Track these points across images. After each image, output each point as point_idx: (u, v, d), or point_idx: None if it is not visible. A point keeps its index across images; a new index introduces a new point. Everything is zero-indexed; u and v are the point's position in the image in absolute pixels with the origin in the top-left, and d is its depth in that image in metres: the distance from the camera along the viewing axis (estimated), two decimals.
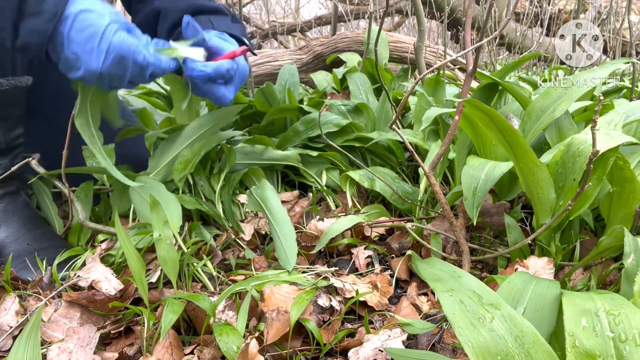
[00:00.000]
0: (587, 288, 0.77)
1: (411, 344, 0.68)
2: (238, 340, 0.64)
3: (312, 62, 1.95)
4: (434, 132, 1.19)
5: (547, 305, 0.51)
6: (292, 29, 4.36)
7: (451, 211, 0.82)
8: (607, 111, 0.87)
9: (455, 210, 1.01)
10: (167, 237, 0.77)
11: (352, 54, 1.81)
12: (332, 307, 0.74)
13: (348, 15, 3.85)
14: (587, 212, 0.86)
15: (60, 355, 0.62)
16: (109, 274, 0.77)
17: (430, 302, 0.80)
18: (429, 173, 0.76)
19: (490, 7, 0.90)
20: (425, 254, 0.91)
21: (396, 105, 1.31)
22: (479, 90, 1.16)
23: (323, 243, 0.93)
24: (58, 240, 0.94)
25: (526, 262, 0.76)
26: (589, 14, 3.81)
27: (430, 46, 1.89)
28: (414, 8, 1.39)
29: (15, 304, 0.73)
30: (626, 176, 0.73)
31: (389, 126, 0.79)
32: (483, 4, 3.76)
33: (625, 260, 0.59)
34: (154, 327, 0.69)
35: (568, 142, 0.75)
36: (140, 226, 0.93)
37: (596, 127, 0.55)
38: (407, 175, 1.22)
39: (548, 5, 4.12)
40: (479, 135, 0.91)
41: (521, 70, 3.41)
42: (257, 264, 0.93)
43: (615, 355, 0.41)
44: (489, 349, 0.42)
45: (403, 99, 0.69)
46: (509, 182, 0.95)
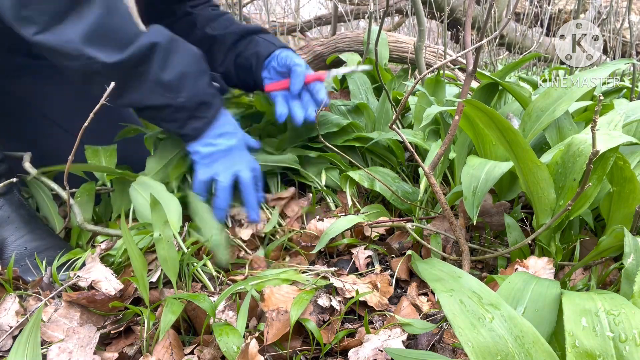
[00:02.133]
0: (587, 288, 0.77)
1: (411, 344, 0.68)
2: (238, 340, 0.64)
3: (312, 62, 1.95)
4: (434, 132, 1.19)
5: (547, 305, 0.51)
6: (292, 29, 4.36)
7: (451, 211, 0.82)
8: (607, 111, 0.87)
9: (455, 210, 1.01)
10: (167, 237, 0.77)
11: (352, 54, 1.81)
12: (332, 307, 0.74)
13: (348, 15, 3.85)
14: (587, 212, 0.86)
15: (60, 355, 0.62)
16: (109, 274, 0.77)
17: (430, 302, 0.80)
18: (429, 173, 0.76)
19: (490, 7, 0.90)
20: (425, 254, 0.91)
21: (396, 105, 1.31)
22: (479, 90, 1.16)
23: (323, 243, 0.93)
24: (56, 240, 0.94)
25: (526, 262, 0.76)
26: (589, 14, 3.81)
27: (430, 46, 1.89)
28: (414, 8, 1.39)
29: (15, 304, 0.73)
30: (626, 176, 0.73)
31: (389, 126, 0.79)
32: (483, 4, 3.76)
33: (625, 260, 0.59)
34: (154, 327, 0.69)
35: (568, 142, 0.75)
36: (139, 226, 0.93)
37: (596, 127, 0.55)
38: (407, 175, 1.22)
39: (548, 5, 4.12)
40: (479, 135, 0.91)
41: (521, 70, 3.41)
42: (256, 263, 0.93)
43: (615, 355, 0.41)
44: (489, 349, 0.42)
45: (403, 98, 0.69)
46: (509, 182, 0.95)
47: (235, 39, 1.19)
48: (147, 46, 0.87)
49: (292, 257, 0.97)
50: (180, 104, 0.93)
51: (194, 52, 0.96)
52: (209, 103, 0.96)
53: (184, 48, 0.94)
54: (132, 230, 0.92)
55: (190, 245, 0.87)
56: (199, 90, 0.95)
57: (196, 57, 0.96)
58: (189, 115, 0.95)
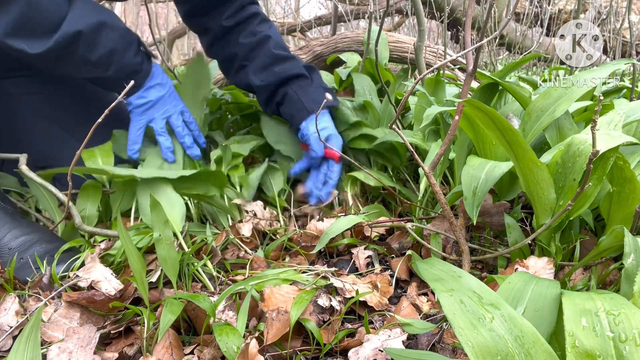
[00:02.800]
0: (587, 288, 0.76)
1: (411, 344, 0.68)
2: (238, 340, 0.63)
3: (312, 62, 1.94)
4: (434, 132, 1.19)
5: (547, 305, 0.50)
6: (292, 29, 4.36)
7: (451, 211, 0.82)
8: (607, 111, 0.87)
9: (455, 210, 1.01)
10: (167, 237, 0.77)
11: (352, 54, 1.81)
12: (332, 307, 0.74)
13: (348, 15, 3.84)
14: (587, 212, 0.85)
15: (60, 355, 0.62)
16: (109, 274, 0.77)
17: (430, 302, 0.80)
18: (429, 173, 0.76)
19: (490, 7, 0.90)
20: (425, 254, 0.91)
21: (396, 105, 1.31)
22: (479, 90, 1.15)
23: (323, 243, 0.93)
24: (48, 234, 0.93)
25: (526, 262, 0.76)
26: (589, 14, 3.81)
27: (430, 46, 1.88)
28: (414, 8, 1.39)
29: (15, 304, 0.73)
30: (626, 176, 0.73)
31: (389, 126, 0.79)
32: (483, 4, 3.76)
33: (625, 260, 0.59)
34: (154, 327, 0.69)
35: (568, 142, 0.75)
36: (140, 226, 0.93)
37: (596, 127, 0.55)
38: (408, 175, 1.22)
39: (548, 5, 4.12)
40: (479, 135, 0.91)
41: (521, 70, 3.41)
42: (256, 264, 0.93)
43: (615, 355, 0.41)
44: (489, 349, 0.42)
45: (403, 99, 0.69)
46: (509, 182, 0.94)
47: (272, 89, 1.24)
48: (70, 35, 0.93)
49: (292, 257, 0.97)
50: (110, 76, 1.03)
51: (120, 28, 1.03)
52: (137, 70, 1.06)
53: (111, 26, 1.01)
54: (132, 230, 0.92)
55: (190, 245, 0.87)
56: (126, 63, 1.03)
57: (122, 32, 1.03)
58: (120, 82, 1.04)
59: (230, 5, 1.24)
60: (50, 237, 0.91)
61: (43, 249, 0.87)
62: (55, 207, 1.00)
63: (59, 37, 0.92)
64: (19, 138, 1.10)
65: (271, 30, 1.27)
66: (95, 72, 1.02)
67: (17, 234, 0.89)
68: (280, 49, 1.25)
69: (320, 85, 1.24)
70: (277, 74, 1.22)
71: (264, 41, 1.24)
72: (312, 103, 1.19)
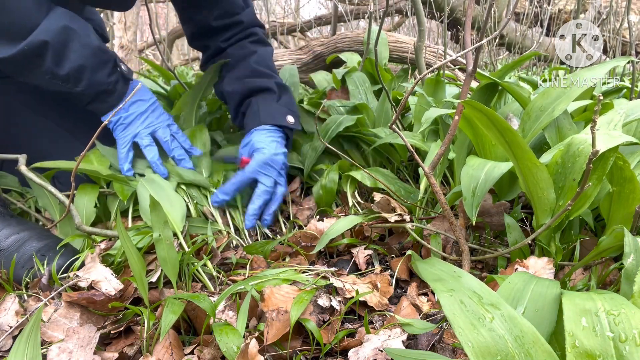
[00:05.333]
0: (587, 288, 0.76)
1: (411, 344, 0.68)
2: (238, 340, 0.63)
3: (312, 62, 1.95)
4: (434, 132, 1.18)
5: (547, 305, 0.50)
6: (292, 29, 4.36)
7: (451, 211, 0.82)
8: (607, 111, 0.87)
9: (455, 210, 1.01)
10: (167, 238, 0.77)
11: (352, 54, 1.81)
12: (332, 307, 0.74)
13: (348, 15, 3.85)
14: (587, 212, 0.85)
15: (60, 355, 0.62)
16: (109, 274, 0.77)
17: (430, 302, 0.80)
18: (429, 173, 0.76)
19: (490, 7, 0.90)
20: (425, 254, 0.91)
21: (396, 105, 1.31)
22: (478, 90, 1.15)
23: (323, 243, 0.93)
24: (38, 231, 0.92)
25: (526, 262, 0.76)
26: (589, 14, 3.81)
27: (430, 46, 1.89)
28: (414, 8, 1.39)
29: (15, 304, 0.73)
30: (626, 176, 0.73)
31: (388, 126, 0.79)
32: (483, 4, 3.76)
33: (625, 260, 0.59)
34: (154, 327, 0.69)
35: (568, 142, 0.75)
36: (141, 226, 0.93)
37: (596, 126, 0.55)
38: (408, 175, 1.22)
39: (548, 5, 4.12)
40: (479, 135, 0.91)
41: (521, 70, 3.41)
42: (256, 264, 0.93)
43: (615, 355, 0.41)
44: (489, 349, 0.42)
45: (403, 99, 0.69)
46: (508, 182, 0.95)
47: (239, 99, 1.24)
48: (37, 44, 0.91)
49: (292, 257, 0.97)
50: (80, 92, 1.00)
51: (93, 45, 0.99)
52: (109, 90, 1.03)
53: (82, 42, 0.97)
54: (132, 230, 0.92)
55: (190, 245, 0.87)
56: (98, 81, 1.01)
57: (95, 50, 1.00)
58: (90, 100, 1.03)
59: (232, 30, 1.29)
60: (40, 235, 0.90)
61: (33, 247, 0.87)
62: (55, 204, 1.00)
63: (25, 45, 0.90)
64: (19, 138, 1.10)
65: (263, 50, 1.30)
66: (64, 87, 0.98)
67: (7, 234, 0.88)
68: (263, 65, 1.26)
69: (286, 105, 1.21)
70: (246, 84, 1.22)
71: (249, 56, 1.27)
72: (267, 116, 1.17)
